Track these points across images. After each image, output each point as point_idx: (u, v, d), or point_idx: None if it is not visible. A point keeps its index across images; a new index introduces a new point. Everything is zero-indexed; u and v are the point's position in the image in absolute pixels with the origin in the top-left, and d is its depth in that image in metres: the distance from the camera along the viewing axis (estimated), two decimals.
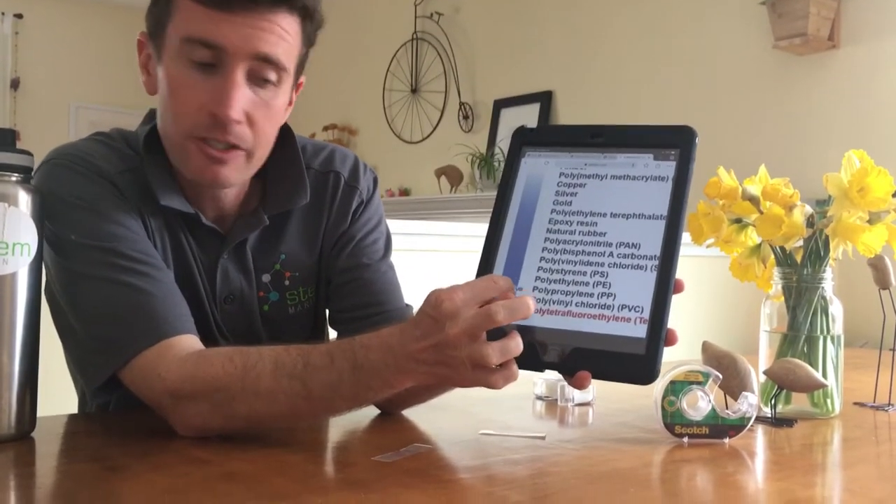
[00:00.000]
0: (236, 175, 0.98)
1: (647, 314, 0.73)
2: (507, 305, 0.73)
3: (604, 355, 0.74)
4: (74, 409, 1.14)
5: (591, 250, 0.78)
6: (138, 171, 1.00)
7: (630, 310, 0.74)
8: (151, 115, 1.04)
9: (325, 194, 1.11)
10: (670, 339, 0.73)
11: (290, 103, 1.04)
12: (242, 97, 0.93)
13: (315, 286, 1.12)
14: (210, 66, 0.93)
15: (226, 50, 0.91)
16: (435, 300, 0.74)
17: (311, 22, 0.98)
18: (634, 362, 0.73)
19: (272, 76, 0.95)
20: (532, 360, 0.76)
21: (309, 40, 1.00)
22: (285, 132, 1.07)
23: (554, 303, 0.77)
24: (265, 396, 0.83)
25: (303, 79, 1.05)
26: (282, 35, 0.94)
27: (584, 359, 0.74)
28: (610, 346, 0.74)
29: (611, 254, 0.77)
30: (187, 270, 1.02)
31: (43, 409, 0.88)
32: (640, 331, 0.73)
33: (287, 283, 1.09)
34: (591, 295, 0.76)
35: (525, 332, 0.76)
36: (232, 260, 1.05)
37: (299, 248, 1.10)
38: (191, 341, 0.91)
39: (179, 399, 0.85)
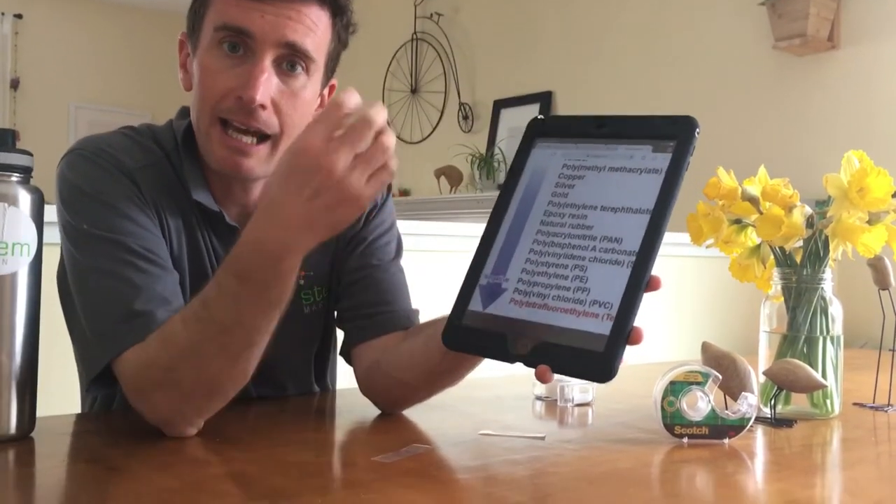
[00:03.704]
0: (260, 166, 0.99)
1: (614, 311, 0.72)
2: (361, 111, 0.73)
3: (566, 350, 0.72)
4: (74, 409, 1.14)
5: (576, 243, 0.76)
6: (160, 167, 1.01)
7: (600, 305, 0.72)
8: (184, 110, 1.06)
9: None
10: (635, 338, 0.71)
11: (321, 104, 1.06)
12: (268, 83, 0.95)
13: (328, 286, 1.12)
14: (240, 53, 0.95)
15: (254, 36, 0.94)
16: (294, 150, 0.74)
17: (341, 19, 1.01)
18: (593, 359, 0.71)
19: (300, 65, 0.98)
20: (502, 351, 0.75)
21: (339, 38, 1.03)
22: None
23: (534, 295, 0.76)
24: (189, 351, 0.82)
25: (335, 80, 1.08)
26: (310, 26, 0.97)
27: (547, 353, 0.73)
28: (574, 342, 0.72)
29: (594, 248, 0.75)
30: (201, 267, 1.03)
31: (42, 410, 0.88)
32: (605, 328, 0.71)
33: (302, 282, 1.10)
34: (568, 289, 0.74)
35: (500, 322, 0.76)
36: None
37: (314, 250, 1.10)
38: None
39: (141, 394, 0.86)
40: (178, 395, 0.84)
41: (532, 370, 0.74)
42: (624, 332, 0.71)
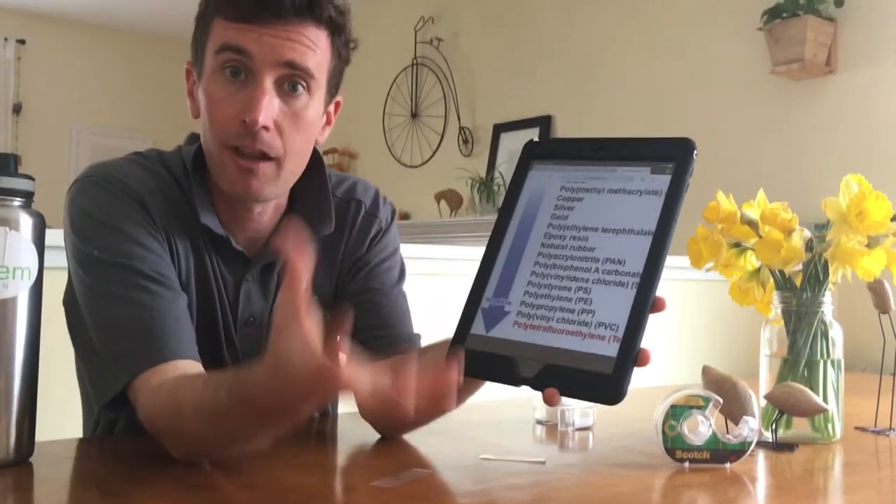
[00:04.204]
0: (268, 187, 1.00)
1: (620, 333, 0.71)
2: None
3: (574, 373, 0.72)
4: (74, 434, 1.14)
5: (579, 265, 0.76)
6: (169, 192, 1.02)
7: (606, 328, 0.72)
8: (193, 137, 1.08)
9: (345, 221, 1.13)
10: (642, 360, 0.71)
11: (328, 122, 1.07)
12: (270, 104, 0.96)
13: (332, 309, 1.12)
14: (240, 77, 0.96)
15: (253, 57, 0.95)
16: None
17: (339, 36, 1.01)
18: (601, 382, 0.70)
19: (301, 85, 0.98)
20: (508, 374, 0.75)
21: (340, 55, 1.03)
22: (315, 161, 1.09)
23: (537, 318, 0.75)
24: (202, 433, 0.81)
25: (340, 97, 1.08)
26: (309, 46, 0.97)
27: (555, 376, 0.72)
28: (581, 364, 0.72)
29: (596, 269, 0.75)
30: (208, 292, 1.04)
31: (41, 434, 0.88)
32: (612, 350, 0.71)
33: None
34: (573, 311, 0.74)
35: (505, 345, 0.76)
36: (256, 283, 1.07)
37: (319, 272, 1.10)
38: (186, 366, 0.91)
39: (153, 426, 0.86)
40: (186, 447, 0.84)
41: (537, 393, 0.74)
42: (632, 353, 0.71)
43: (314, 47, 0.98)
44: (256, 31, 0.95)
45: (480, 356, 0.77)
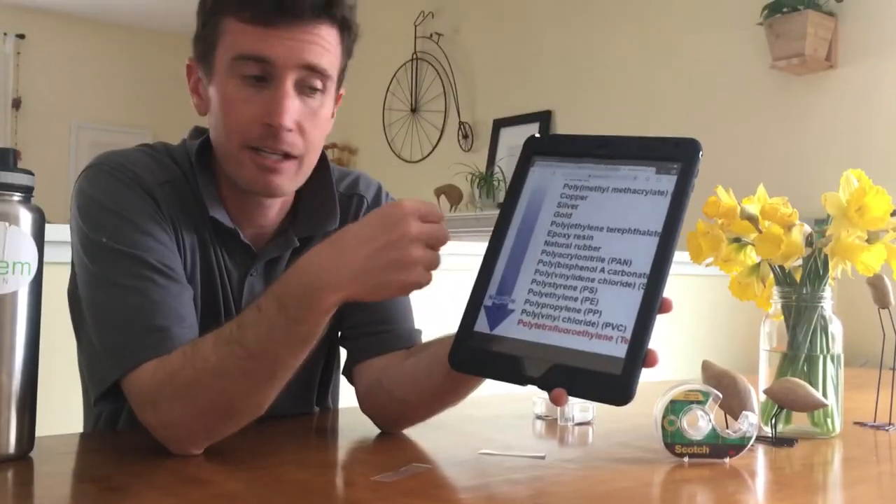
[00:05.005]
0: (288, 183, 1.01)
1: (628, 334, 0.71)
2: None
3: (582, 373, 0.72)
4: (73, 429, 1.14)
5: (584, 265, 0.76)
6: (178, 184, 1.02)
7: (613, 328, 0.72)
8: (197, 131, 1.08)
9: (348, 216, 1.13)
10: (650, 361, 0.71)
11: (331, 115, 1.08)
12: (293, 106, 0.97)
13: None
14: (261, 80, 0.97)
15: (274, 63, 0.95)
16: (391, 204, 0.83)
17: (349, 34, 1.02)
18: (610, 383, 0.70)
19: (318, 85, 0.99)
20: (514, 373, 0.74)
21: (348, 52, 1.04)
22: (320, 157, 1.09)
23: (543, 317, 0.75)
24: (214, 370, 0.84)
25: (343, 90, 1.09)
26: (325, 46, 0.98)
27: (562, 375, 0.72)
28: (589, 365, 0.72)
29: (602, 269, 0.75)
30: (213, 285, 1.04)
31: (42, 429, 0.88)
32: (620, 350, 0.71)
33: None
34: (579, 311, 0.74)
35: (510, 344, 0.75)
36: (260, 277, 1.07)
37: None
38: None
39: (156, 406, 0.86)
40: (193, 411, 0.85)
41: (541, 391, 0.74)
42: (640, 354, 0.71)
43: (329, 47, 0.99)
44: (275, 34, 0.95)
45: (485, 354, 0.76)
